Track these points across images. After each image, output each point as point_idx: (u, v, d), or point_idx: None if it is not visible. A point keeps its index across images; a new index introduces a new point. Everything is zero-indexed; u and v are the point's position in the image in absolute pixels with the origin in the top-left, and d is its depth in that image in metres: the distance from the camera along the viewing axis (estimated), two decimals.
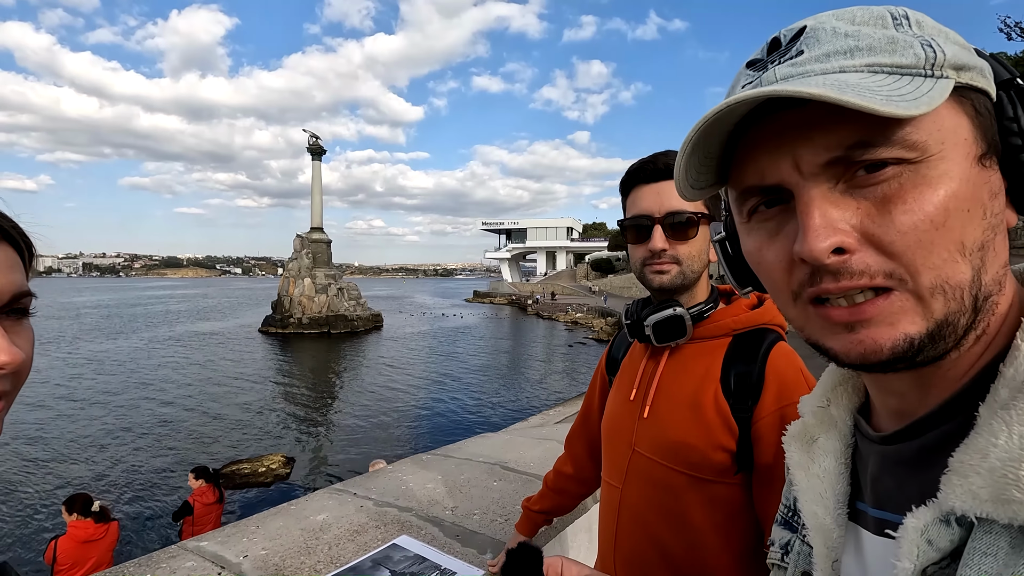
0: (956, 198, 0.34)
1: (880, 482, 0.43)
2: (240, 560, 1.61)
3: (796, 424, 0.53)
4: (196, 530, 5.78)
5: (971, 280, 0.35)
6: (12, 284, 0.48)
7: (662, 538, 1.06)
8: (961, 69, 0.35)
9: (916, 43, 0.35)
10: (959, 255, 0.34)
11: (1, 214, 0.50)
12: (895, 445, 0.41)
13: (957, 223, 0.34)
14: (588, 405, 1.40)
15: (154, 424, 14.77)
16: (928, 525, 0.35)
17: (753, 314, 1.09)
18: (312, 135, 46.47)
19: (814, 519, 0.48)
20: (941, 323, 0.35)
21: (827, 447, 0.49)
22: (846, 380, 0.51)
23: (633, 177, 1.11)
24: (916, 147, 0.34)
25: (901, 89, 0.33)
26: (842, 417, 0.50)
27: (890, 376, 0.40)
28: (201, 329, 40.55)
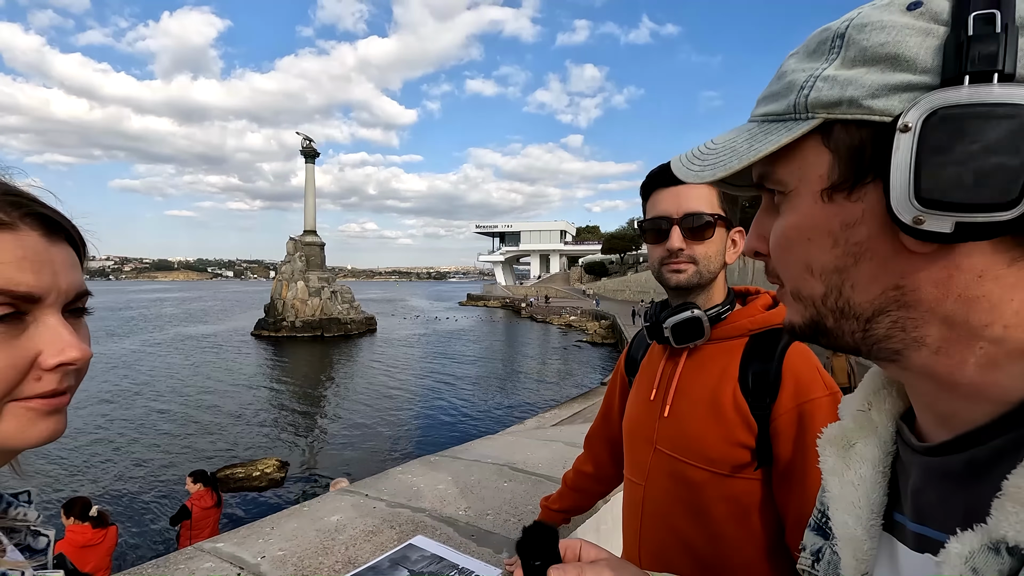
0: (796, 228, 0.40)
1: (922, 495, 0.41)
2: (258, 561, 1.62)
3: (833, 427, 0.51)
4: (194, 534, 5.74)
5: (824, 294, 0.40)
6: (76, 283, 0.50)
7: (685, 532, 1.09)
8: (835, 105, 0.36)
9: (799, 85, 0.38)
10: (807, 274, 0.40)
11: (59, 214, 0.51)
12: (940, 457, 0.39)
13: (799, 248, 0.40)
14: (608, 405, 1.43)
15: (148, 428, 14.64)
16: (975, 552, 0.32)
17: (769, 314, 1.13)
18: (305, 138, 46.33)
19: (844, 528, 0.46)
20: (810, 320, 0.42)
21: (865, 454, 0.47)
22: (890, 384, 0.49)
23: (653, 181, 1.15)
24: (780, 183, 0.41)
25: (753, 141, 0.41)
26: (883, 423, 0.48)
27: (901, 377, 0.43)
28: (194, 332, 40.26)
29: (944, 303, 0.36)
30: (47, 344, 0.46)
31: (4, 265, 0.44)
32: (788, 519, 1.02)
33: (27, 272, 0.45)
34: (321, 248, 42.15)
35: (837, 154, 0.37)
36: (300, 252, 40.63)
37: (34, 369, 0.46)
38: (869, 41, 0.36)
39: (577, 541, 0.65)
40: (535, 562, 0.60)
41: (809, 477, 0.98)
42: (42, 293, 0.46)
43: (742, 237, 1.19)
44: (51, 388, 0.47)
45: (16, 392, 0.45)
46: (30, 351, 0.46)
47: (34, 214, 0.48)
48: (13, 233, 0.45)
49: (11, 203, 0.46)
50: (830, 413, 1.00)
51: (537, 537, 0.61)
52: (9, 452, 0.49)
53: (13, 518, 0.55)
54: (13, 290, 0.44)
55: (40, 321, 0.47)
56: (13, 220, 0.46)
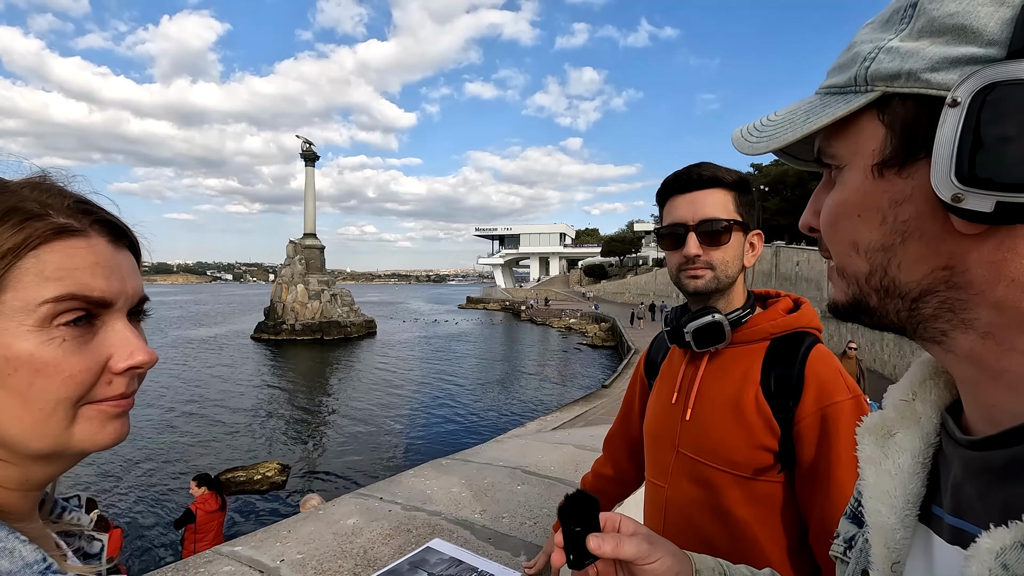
0: (845, 204, 0.40)
1: (962, 489, 0.41)
2: (277, 564, 1.63)
3: (873, 416, 0.51)
4: (198, 538, 5.74)
5: (868, 273, 0.40)
6: (139, 288, 0.51)
7: (708, 534, 1.10)
8: (894, 78, 0.35)
9: (863, 56, 0.37)
10: (852, 251, 0.40)
11: (122, 222, 0.53)
12: (983, 452, 0.39)
13: (847, 224, 0.40)
14: (628, 408, 1.44)
15: (149, 432, 14.62)
16: (1006, 548, 0.32)
17: (790, 318, 1.14)
18: (305, 141, 46.40)
19: (876, 516, 0.46)
20: (854, 298, 0.42)
21: (905, 444, 0.46)
22: (938, 374, 0.48)
23: (669, 188, 1.16)
24: (836, 157, 0.41)
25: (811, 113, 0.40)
26: (927, 414, 0.47)
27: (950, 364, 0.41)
28: (194, 336, 40.23)
29: (996, 287, 0.35)
30: (117, 348, 0.48)
31: (79, 271, 0.45)
32: (811, 521, 1.03)
33: (100, 278, 0.46)
34: (320, 251, 42.19)
35: (891, 129, 0.36)
36: (300, 255, 40.67)
37: (105, 373, 0.47)
38: (939, 11, 0.34)
39: (617, 515, 0.65)
40: (576, 528, 0.61)
41: (832, 480, 0.99)
42: (113, 298, 0.47)
43: (760, 240, 1.21)
44: (120, 391, 0.48)
45: (90, 395, 0.46)
46: (102, 355, 0.47)
47: (101, 220, 0.49)
48: (86, 240, 0.47)
49: (83, 210, 0.48)
50: (853, 416, 1.01)
51: (580, 504, 0.62)
52: (80, 454, 0.50)
53: (67, 523, 0.56)
54: (88, 295, 0.45)
55: (109, 325, 0.48)
56: (84, 227, 0.47)
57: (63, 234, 0.45)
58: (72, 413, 0.46)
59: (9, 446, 0.45)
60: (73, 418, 0.46)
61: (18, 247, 0.43)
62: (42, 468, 0.48)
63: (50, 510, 0.55)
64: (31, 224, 0.44)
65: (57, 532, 0.54)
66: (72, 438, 0.46)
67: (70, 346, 0.45)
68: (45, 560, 0.44)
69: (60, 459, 0.49)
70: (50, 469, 0.49)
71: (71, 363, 0.45)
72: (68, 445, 0.46)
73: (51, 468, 0.49)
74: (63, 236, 0.45)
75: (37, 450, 0.45)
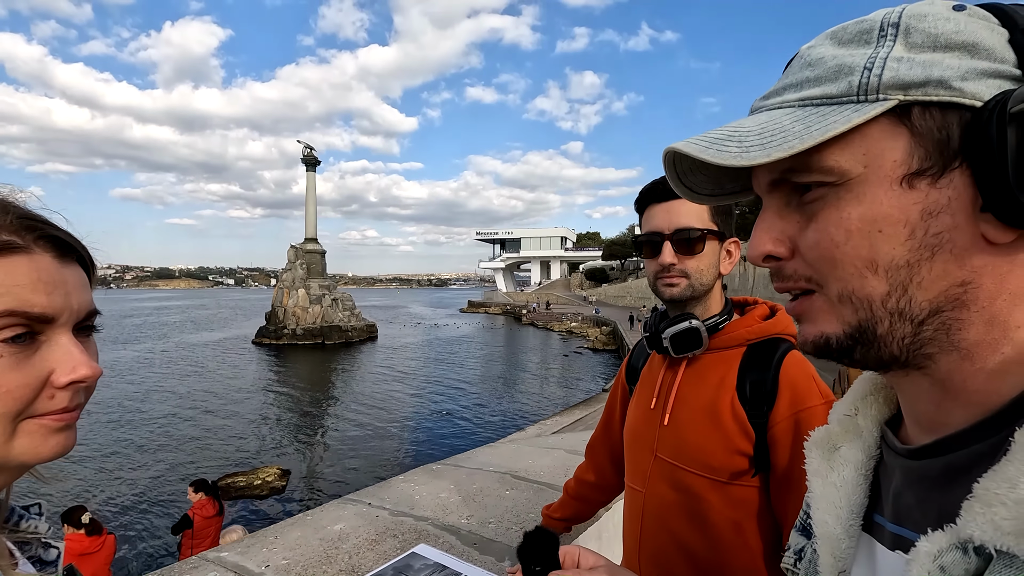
0: (863, 220, 0.37)
1: (901, 497, 0.42)
2: (262, 570, 1.63)
3: (819, 431, 0.52)
4: (196, 543, 5.73)
5: (885, 294, 0.37)
6: (87, 302, 0.51)
7: (685, 538, 1.10)
8: (911, 87, 0.35)
9: (860, 67, 0.36)
10: (868, 271, 0.37)
11: (71, 235, 0.53)
12: (921, 460, 0.40)
13: (864, 242, 0.37)
14: (609, 414, 1.44)
15: (149, 437, 14.63)
16: (943, 550, 0.34)
17: (766, 324, 1.15)
18: (306, 146, 46.53)
19: (824, 527, 0.48)
20: (856, 328, 0.38)
21: (848, 457, 0.48)
22: (878, 390, 0.50)
23: (646, 197, 1.17)
24: (832, 172, 0.37)
25: (792, 127, 0.37)
26: (868, 427, 0.49)
27: (905, 385, 0.42)
28: (196, 340, 40.27)
29: (996, 300, 0.36)
30: (59, 363, 0.48)
31: (20, 288, 0.45)
32: (786, 525, 1.03)
33: (41, 294, 0.46)
34: (322, 256, 42.24)
35: (920, 137, 0.35)
36: (301, 260, 40.72)
37: (47, 387, 0.47)
38: (938, 29, 0.35)
39: (576, 548, 0.66)
40: (535, 567, 0.61)
41: (805, 484, 1.00)
42: (55, 314, 0.47)
43: (737, 248, 1.22)
44: (63, 405, 0.48)
45: (30, 410, 0.47)
46: (43, 370, 0.47)
47: (47, 236, 0.49)
48: (28, 256, 0.47)
49: (26, 227, 0.48)
50: (825, 421, 1.02)
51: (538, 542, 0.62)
52: (22, 467, 0.50)
53: (24, 531, 0.56)
54: (28, 311, 0.45)
55: (52, 341, 0.48)
56: (28, 243, 0.47)
57: (3, 251, 0.45)
58: (11, 428, 0.46)
59: None
60: (13, 432, 0.46)
61: None
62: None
63: (7, 518, 0.55)
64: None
65: (13, 540, 0.54)
66: (12, 451, 0.46)
67: (8, 362, 0.45)
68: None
69: (4, 471, 0.49)
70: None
71: (8, 379, 0.45)
72: (8, 458, 0.47)
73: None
74: (4, 253, 0.45)
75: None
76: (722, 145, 0.39)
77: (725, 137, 0.39)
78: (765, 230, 0.42)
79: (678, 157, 0.45)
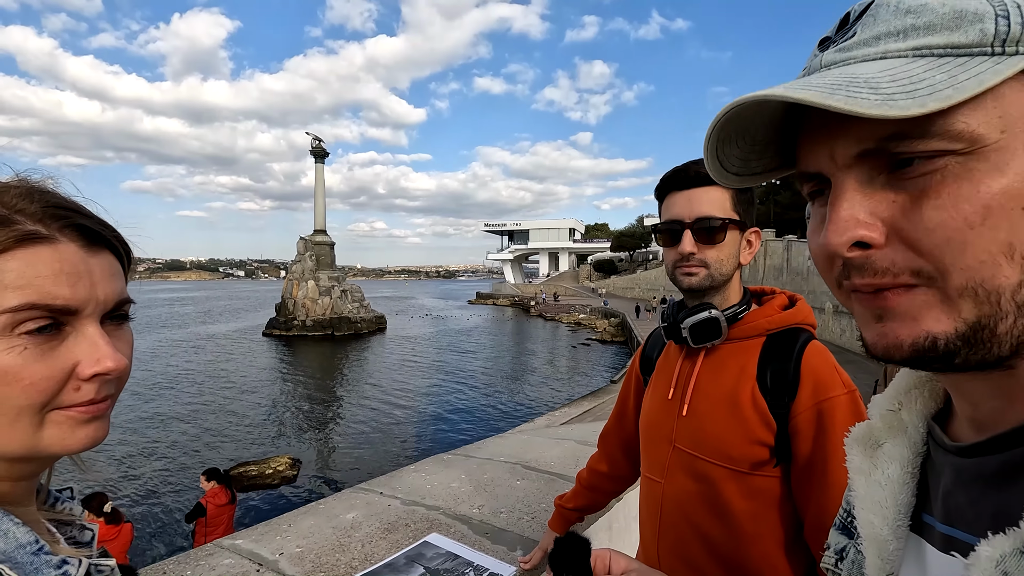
0: (1005, 195, 0.31)
1: (952, 496, 0.40)
2: (276, 558, 1.64)
3: (860, 427, 0.49)
4: (209, 531, 5.82)
5: (1016, 285, 0.32)
6: (115, 292, 0.51)
7: (705, 528, 1.10)
8: None
9: (991, 13, 0.32)
10: (1003, 257, 0.31)
11: (103, 222, 0.52)
12: (974, 458, 0.38)
13: (1003, 222, 0.31)
14: (623, 404, 1.43)
15: (162, 426, 14.84)
16: (1006, 555, 0.31)
17: (786, 314, 1.13)
18: (315, 138, 46.61)
19: (869, 528, 0.45)
20: (974, 326, 0.33)
21: (893, 454, 0.46)
22: (923, 383, 0.48)
23: (667, 184, 1.15)
24: (962, 137, 0.31)
25: (934, 77, 0.31)
26: (914, 423, 0.46)
27: (964, 380, 0.38)
28: (207, 332, 40.72)
29: None
30: (85, 355, 0.47)
31: (41, 279, 0.45)
32: (807, 516, 1.02)
33: (63, 285, 0.46)
34: (331, 247, 42.43)
35: None
36: (310, 251, 40.95)
37: (72, 379, 0.47)
38: None
39: (607, 551, 0.64)
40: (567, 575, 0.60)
41: (828, 475, 0.99)
42: (78, 305, 0.47)
43: (758, 238, 1.20)
44: (89, 398, 0.48)
45: (56, 401, 0.46)
46: (68, 362, 0.47)
47: (73, 225, 0.48)
48: (52, 246, 0.46)
49: (52, 215, 0.47)
50: (849, 411, 1.00)
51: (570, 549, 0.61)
52: (50, 458, 0.50)
53: (60, 512, 0.57)
54: (50, 304, 0.45)
55: (78, 332, 0.48)
56: (52, 233, 0.46)
57: (27, 241, 0.45)
58: (39, 419, 0.46)
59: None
60: (40, 423, 0.46)
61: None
62: (21, 466, 0.48)
63: (44, 499, 0.56)
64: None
65: (51, 520, 0.55)
66: (41, 443, 0.46)
67: (32, 354, 0.45)
68: (37, 542, 0.45)
69: (35, 460, 0.49)
70: (30, 467, 0.50)
71: (32, 371, 0.44)
72: (38, 449, 0.47)
73: (31, 467, 0.50)
74: (27, 243, 0.45)
75: (7, 453, 0.46)
76: (848, 91, 0.32)
77: (847, 83, 0.32)
78: (851, 210, 0.35)
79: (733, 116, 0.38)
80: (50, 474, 0.57)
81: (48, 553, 0.46)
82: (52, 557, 0.46)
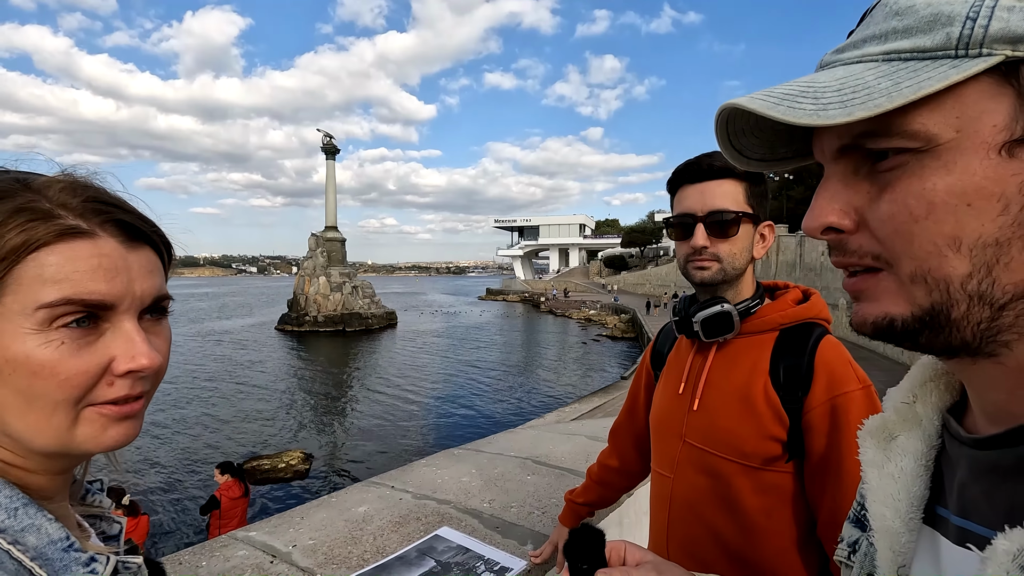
0: (949, 192, 0.33)
1: (968, 489, 0.40)
2: (290, 549, 1.66)
3: (874, 419, 0.50)
4: (223, 523, 5.90)
5: (966, 275, 0.34)
6: (153, 288, 0.50)
7: (715, 524, 1.09)
8: (1022, 41, 0.31)
9: (961, 16, 0.33)
10: (949, 249, 0.34)
11: (144, 217, 0.52)
12: (990, 451, 0.38)
13: (948, 217, 0.33)
14: (633, 399, 1.43)
15: (177, 420, 15.05)
16: (1023, 549, 0.32)
17: (799, 309, 1.12)
18: (326, 135, 46.86)
19: (881, 520, 0.46)
20: (928, 311, 0.35)
21: (907, 446, 0.46)
22: (938, 376, 0.48)
23: (679, 177, 1.14)
24: (918, 136, 0.33)
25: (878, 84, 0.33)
26: (928, 415, 0.46)
27: (969, 369, 0.39)
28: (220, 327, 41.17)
29: None
30: (120, 350, 0.47)
31: (79, 274, 0.45)
32: (820, 512, 1.01)
33: (100, 281, 0.45)
34: (342, 244, 42.69)
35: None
36: (322, 248, 41.23)
37: (107, 374, 0.47)
38: None
39: (621, 543, 0.64)
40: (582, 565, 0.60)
41: (843, 471, 0.97)
42: (115, 301, 0.47)
43: (772, 231, 1.18)
44: (122, 394, 0.47)
45: (90, 397, 0.46)
46: (104, 357, 0.46)
47: (114, 220, 0.48)
48: (91, 241, 0.46)
49: (93, 210, 0.47)
50: (864, 406, 0.99)
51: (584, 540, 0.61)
52: (83, 455, 0.50)
53: (90, 505, 0.57)
54: (85, 298, 0.45)
55: (115, 327, 0.47)
56: (92, 228, 0.46)
57: (67, 236, 0.45)
58: (74, 414, 0.46)
59: (18, 441, 0.46)
60: (75, 420, 0.46)
61: (18, 249, 0.43)
62: (56, 461, 0.49)
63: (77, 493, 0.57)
64: (35, 226, 0.44)
65: (81, 514, 0.55)
66: (75, 439, 0.47)
67: (69, 348, 0.45)
68: (68, 538, 0.46)
69: (68, 456, 0.49)
70: (64, 463, 0.50)
71: (68, 365, 0.44)
72: (72, 445, 0.47)
73: (65, 462, 0.50)
74: (66, 238, 0.45)
75: (42, 447, 0.46)
76: (794, 101, 0.35)
77: (797, 93, 0.36)
78: (828, 199, 0.38)
79: (733, 115, 0.41)
80: (86, 469, 0.57)
81: (78, 550, 0.46)
82: (81, 554, 0.46)
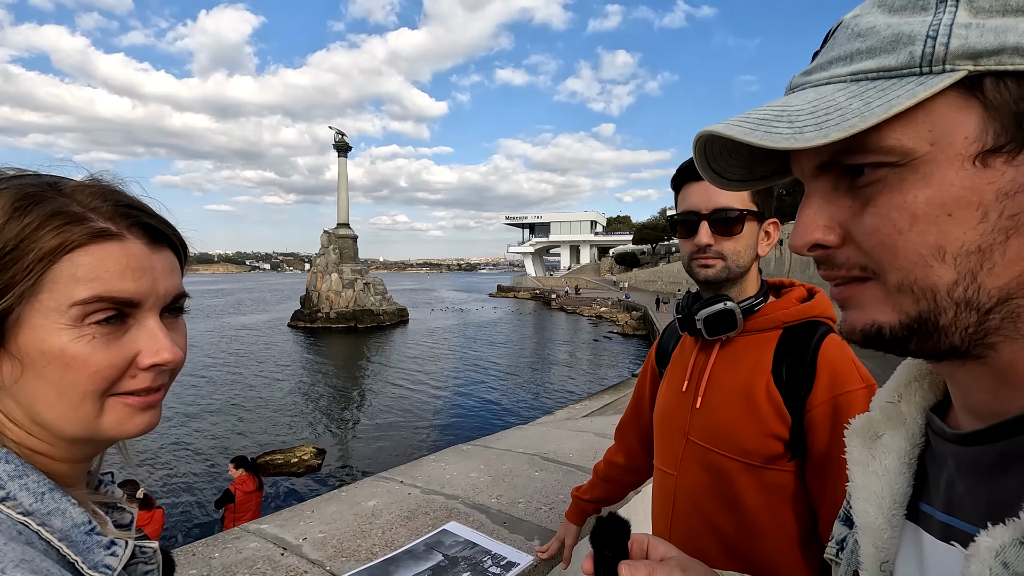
0: (930, 203, 0.34)
1: (953, 486, 0.41)
2: (300, 542, 1.69)
3: (860, 419, 0.51)
4: (237, 517, 5.99)
5: (951, 283, 0.34)
6: (174, 287, 0.54)
7: (718, 522, 1.09)
8: (982, 56, 0.32)
9: (922, 36, 0.33)
10: (934, 259, 0.34)
11: (166, 221, 0.56)
12: (973, 447, 0.39)
13: (931, 228, 0.34)
14: (639, 396, 1.43)
15: (193, 416, 15.26)
16: (1005, 546, 0.32)
17: (803, 307, 1.12)
18: (338, 132, 47.12)
19: (864, 517, 0.47)
20: (916, 319, 0.36)
21: (891, 445, 0.47)
22: (922, 376, 0.49)
23: (684, 175, 1.14)
24: (893, 151, 0.34)
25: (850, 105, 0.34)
26: (912, 415, 0.48)
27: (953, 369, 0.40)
28: (234, 323, 41.64)
29: None
30: (145, 345, 0.51)
31: (109, 273, 0.48)
32: (822, 511, 1.02)
33: (129, 280, 0.49)
34: (354, 240, 42.95)
35: (994, 111, 0.33)
36: (334, 244, 41.50)
37: (132, 367, 0.51)
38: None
39: (645, 536, 0.64)
40: (607, 552, 0.61)
41: (844, 470, 0.97)
42: (141, 299, 0.51)
43: (777, 229, 1.18)
44: (145, 385, 0.52)
45: (114, 388, 0.50)
46: (130, 351, 0.51)
47: (140, 224, 0.52)
48: (120, 243, 0.50)
49: (122, 214, 0.51)
50: (866, 406, 0.99)
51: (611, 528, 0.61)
52: (107, 441, 0.54)
53: (104, 495, 0.60)
54: (116, 296, 0.49)
55: (140, 323, 0.51)
56: (121, 231, 0.50)
57: (98, 238, 0.48)
58: (100, 404, 0.50)
59: (47, 429, 0.50)
60: (101, 409, 0.50)
61: (55, 250, 0.46)
62: (81, 448, 0.53)
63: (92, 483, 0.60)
64: (70, 228, 0.47)
65: (95, 503, 0.59)
66: (101, 427, 0.50)
67: (99, 343, 0.48)
68: (90, 523, 0.49)
69: (94, 443, 0.53)
70: (88, 449, 0.54)
71: (98, 359, 0.48)
72: (98, 433, 0.50)
73: (89, 449, 0.54)
74: (98, 240, 0.48)
75: (71, 435, 0.50)
76: (770, 126, 0.36)
77: (772, 117, 0.37)
78: (812, 216, 0.39)
79: (711, 139, 0.42)
80: (101, 460, 0.61)
81: (99, 534, 0.49)
82: (103, 538, 0.50)
